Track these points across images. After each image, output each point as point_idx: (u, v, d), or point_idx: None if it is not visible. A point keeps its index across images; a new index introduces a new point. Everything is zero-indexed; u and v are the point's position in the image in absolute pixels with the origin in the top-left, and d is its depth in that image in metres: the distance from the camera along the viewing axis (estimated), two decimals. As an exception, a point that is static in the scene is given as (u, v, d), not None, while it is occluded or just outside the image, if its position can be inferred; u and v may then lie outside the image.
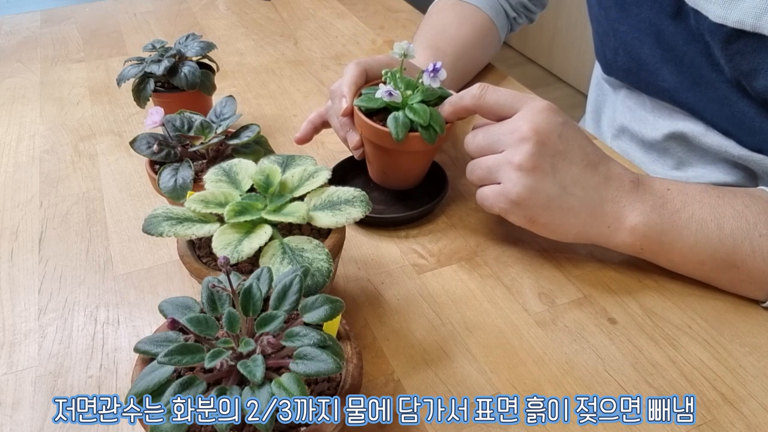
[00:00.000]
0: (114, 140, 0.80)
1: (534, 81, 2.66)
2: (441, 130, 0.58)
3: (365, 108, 0.59)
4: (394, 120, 0.57)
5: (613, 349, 0.51)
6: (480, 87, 0.56)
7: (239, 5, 1.21)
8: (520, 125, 0.53)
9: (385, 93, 0.57)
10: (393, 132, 0.56)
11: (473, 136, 0.57)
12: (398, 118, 0.57)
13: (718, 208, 0.53)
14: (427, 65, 0.58)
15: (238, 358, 0.36)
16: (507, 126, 0.54)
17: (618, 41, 0.75)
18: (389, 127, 0.57)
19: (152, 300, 0.57)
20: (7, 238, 0.65)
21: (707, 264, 0.53)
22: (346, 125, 0.63)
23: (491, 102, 0.55)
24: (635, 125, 0.79)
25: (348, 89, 0.62)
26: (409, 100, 0.58)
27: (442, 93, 0.60)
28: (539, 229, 0.55)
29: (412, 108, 0.57)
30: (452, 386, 0.48)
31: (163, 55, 0.73)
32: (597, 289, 0.56)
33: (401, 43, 0.58)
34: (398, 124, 0.57)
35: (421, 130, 0.57)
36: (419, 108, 0.57)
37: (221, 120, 0.61)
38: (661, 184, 0.55)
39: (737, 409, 0.46)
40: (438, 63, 0.57)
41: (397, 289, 0.57)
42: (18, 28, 1.13)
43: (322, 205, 0.48)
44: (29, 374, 0.51)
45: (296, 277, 0.39)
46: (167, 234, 0.45)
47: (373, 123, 0.58)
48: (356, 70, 0.63)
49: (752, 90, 0.62)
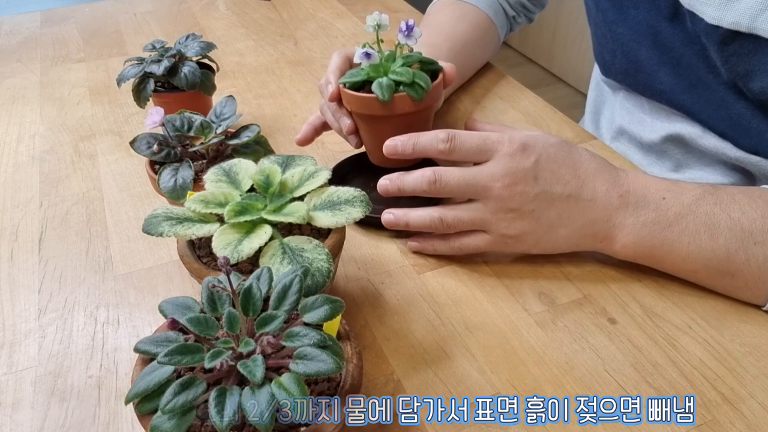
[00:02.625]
0: (114, 140, 0.80)
1: (534, 81, 2.66)
2: (427, 86, 0.58)
3: (350, 83, 0.61)
4: (378, 84, 0.58)
5: (613, 349, 0.51)
6: (447, 139, 0.55)
7: (239, 5, 1.21)
8: (494, 180, 0.53)
9: (362, 55, 0.58)
10: (379, 94, 0.57)
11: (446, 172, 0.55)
12: (381, 81, 0.58)
13: (713, 216, 0.52)
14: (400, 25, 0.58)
15: (238, 358, 0.36)
16: (481, 177, 0.54)
17: (615, 43, 0.75)
18: (374, 91, 0.58)
19: (152, 300, 0.57)
20: (7, 238, 0.65)
21: (700, 272, 0.53)
22: (337, 111, 0.65)
23: (461, 154, 0.55)
24: (633, 127, 0.79)
25: (333, 75, 0.63)
26: (391, 67, 0.59)
27: (422, 58, 0.61)
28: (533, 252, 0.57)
29: (394, 71, 0.58)
30: (452, 386, 0.48)
31: (163, 55, 0.73)
32: (597, 289, 0.56)
33: (373, 15, 0.59)
34: (383, 86, 0.58)
35: (406, 89, 0.58)
36: (401, 69, 0.58)
37: (221, 120, 0.61)
38: (657, 190, 0.54)
39: (737, 409, 0.46)
40: (411, 21, 0.58)
41: (397, 289, 0.57)
42: (18, 28, 1.13)
43: (322, 205, 0.48)
44: (29, 374, 0.51)
45: (296, 277, 0.39)
46: (167, 234, 0.45)
47: (358, 93, 0.60)
48: (339, 58, 0.65)
49: (748, 91, 0.62)
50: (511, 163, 0.53)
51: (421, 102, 0.59)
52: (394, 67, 0.59)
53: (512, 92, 0.87)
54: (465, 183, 0.54)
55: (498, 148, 0.54)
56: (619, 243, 0.54)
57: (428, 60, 0.61)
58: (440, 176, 0.54)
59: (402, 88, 0.58)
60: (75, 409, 0.48)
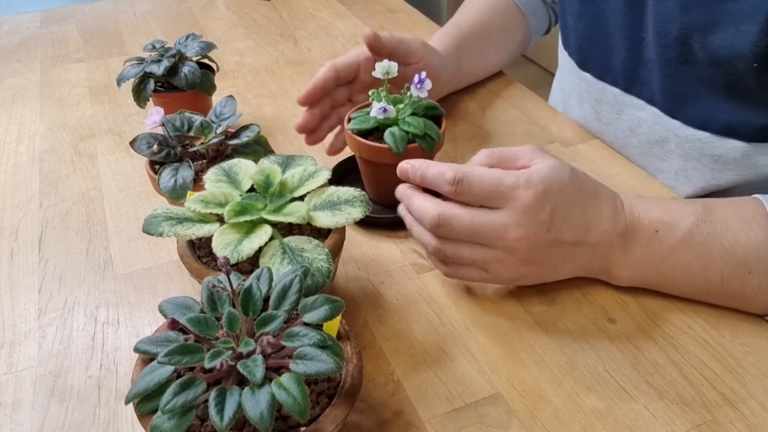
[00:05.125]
0: (114, 140, 0.80)
1: (534, 81, 2.66)
2: (437, 137, 0.60)
3: (358, 130, 0.61)
4: (392, 135, 0.59)
5: (613, 349, 0.51)
6: (453, 181, 0.49)
7: (239, 5, 1.21)
8: (507, 231, 0.49)
9: (379, 110, 0.59)
10: (393, 146, 0.58)
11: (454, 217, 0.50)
12: (395, 132, 0.59)
13: (706, 248, 0.51)
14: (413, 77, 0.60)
15: (238, 358, 0.36)
16: (493, 227, 0.49)
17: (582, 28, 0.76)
18: (387, 142, 0.59)
19: (152, 300, 0.57)
20: (7, 238, 0.65)
21: (696, 296, 0.54)
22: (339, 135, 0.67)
23: (469, 197, 0.50)
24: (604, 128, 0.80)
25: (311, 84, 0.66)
26: (400, 114, 0.60)
27: (428, 104, 0.62)
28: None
29: (405, 121, 0.59)
30: (452, 386, 0.48)
31: (163, 55, 0.73)
32: (597, 289, 0.56)
33: (383, 63, 0.60)
34: (396, 138, 0.59)
35: (418, 140, 0.59)
36: (412, 120, 0.59)
37: (221, 120, 0.61)
38: (649, 224, 0.52)
39: (737, 409, 0.46)
40: (423, 73, 0.59)
41: (397, 289, 0.57)
42: (18, 28, 1.13)
43: (322, 205, 0.48)
44: (29, 374, 0.51)
45: (296, 277, 0.39)
46: (167, 234, 0.46)
47: (371, 142, 0.60)
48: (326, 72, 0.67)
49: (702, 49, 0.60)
50: (527, 216, 0.49)
51: (431, 152, 0.60)
52: (404, 115, 0.60)
53: (512, 92, 0.87)
54: (473, 231, 0.49)
55: (513, 196, 0.49)
56: (616, 277, 0.54)
57: (432, 105, 0.63)
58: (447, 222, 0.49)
59: (411, 136, 0.59)
60: (75, 409, 0.48)
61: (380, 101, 0.60)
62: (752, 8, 0.56)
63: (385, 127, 0.60)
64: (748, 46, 0.56)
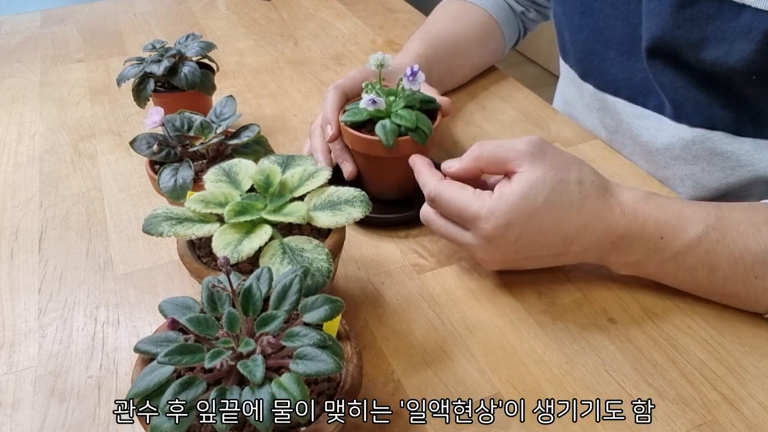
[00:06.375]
0: (114, 140, 0.80)
1: (534, 81, 2.66)
2: (429, 131, 0.59)
3: (351, 122, 0.61)
4: (382, 128, 0.58)
5: (613, 349, 0.51)
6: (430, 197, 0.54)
7: (239, 5, 1.21)
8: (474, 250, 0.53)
9: (368, 101, 0.59)
10: (383, 139, 0.58)
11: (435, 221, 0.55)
12: (385, 125, 0.58)
13: (714, 254, 0.50)
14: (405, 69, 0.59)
15: (238, 358, 0.36)
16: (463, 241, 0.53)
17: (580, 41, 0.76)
18: (378, 134, 0.58)
19: (152, 300, 0.57)
20: (7, 238, 0.65)
21: (698, 294, 0.54)
22: (341, 155, 0.64)
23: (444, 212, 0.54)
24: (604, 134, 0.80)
25: (332, 114, 0.63)
26: (393, 107, 0.60)
27: (423, 97, 0.62)
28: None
29: (397, 114, 0.59)
30: (452, 386, 0.48)
31: (163, 55, 0.73)
32: (597, 289, 0.56)
33: (376, 55, 0.60)
34: (386, 131, 0.58)
35: (410, 133, 0.59)
36: (404, 113, 0.59)
37: (221, 120, 0.61)
38: (655, 230, 0.50)
39: (737, 409, 0.46)
40: (415, 66, 0.59)
41: (397, 289, 0.57)
42: (18, 28, 1.13)
43: (322, 205, 0.48)
44: (29, 374, 0.51)
45: (296, 277, 0.39)
46: (167, 234, 0.45)
47: (362, 134, 0.60)
48: (335, 94, 0.65)
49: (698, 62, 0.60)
50: (490, 244, 0.51)
51: (424, 146, 0.60)
52: (396, 107, 0.59)
53: (512, 92, 0.87)
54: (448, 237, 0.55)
55: (475, 225, 0.51)
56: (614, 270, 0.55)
57: (428, 98, 0.62)
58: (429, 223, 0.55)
59: (404, 129, 0.59)
60: (75, 409, 0.48)
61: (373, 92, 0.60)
62: (745, 28, 0.56)
63: (379, 119, 0.60)
64: (744, 63, 0.57)
